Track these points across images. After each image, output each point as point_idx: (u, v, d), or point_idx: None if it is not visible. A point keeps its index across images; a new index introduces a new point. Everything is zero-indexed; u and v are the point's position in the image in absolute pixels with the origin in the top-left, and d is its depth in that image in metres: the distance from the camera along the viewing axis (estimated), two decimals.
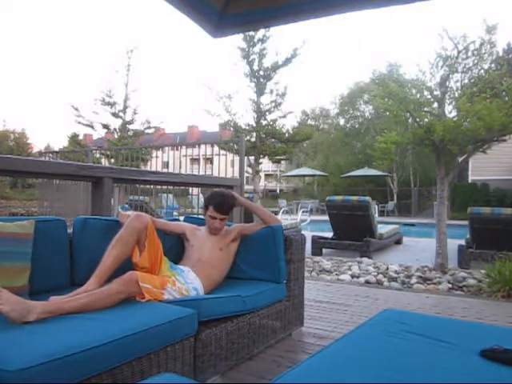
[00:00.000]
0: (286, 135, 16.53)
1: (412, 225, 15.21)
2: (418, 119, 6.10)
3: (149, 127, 20.11)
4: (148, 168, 14.79)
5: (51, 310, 1.59)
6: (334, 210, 7.37)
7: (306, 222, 11.79)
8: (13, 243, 1.75)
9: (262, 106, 16.27)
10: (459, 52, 7.20)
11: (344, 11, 2.04)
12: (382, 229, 7.84)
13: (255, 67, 15.78)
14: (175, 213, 6.30)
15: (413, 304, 3.64)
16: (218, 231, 2.50)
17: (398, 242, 8.86)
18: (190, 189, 6.58)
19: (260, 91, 16.02)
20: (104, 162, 14.99)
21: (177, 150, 8.60)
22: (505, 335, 1.57)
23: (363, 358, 1.28)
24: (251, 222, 2.80)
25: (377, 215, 13.75)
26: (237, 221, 3.85)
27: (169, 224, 2.58)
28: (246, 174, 5.52)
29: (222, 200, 2.50)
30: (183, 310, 1.84)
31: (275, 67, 15.76)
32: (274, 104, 16.27)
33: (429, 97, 6.74)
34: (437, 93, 6.89)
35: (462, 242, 6.57)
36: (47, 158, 8.01)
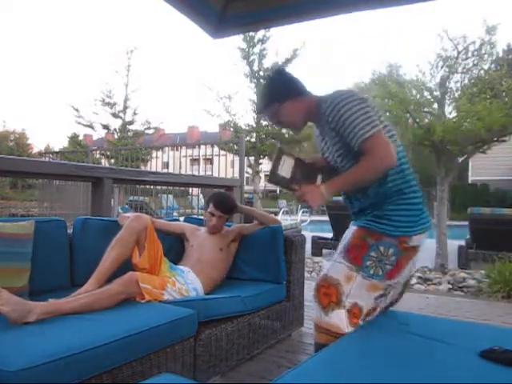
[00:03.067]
0: (286, 136, 16.53)
1: None
2: (417, 120, 6.11)
3: (149, 128, 20.08)
4: (148, 168, 14.79)
5: (51, 310, 1.59)
6: (334, 210, 7.37)
7: (306, 223, 11.79)
8: (13, 244, 1.75)
9: None
10: (459, 52, 7.22)
11: (344, 12, 2.05)
12: None
13: (255, 68, 15.79)
14: (175, 213, 6.30)
15: (413, 304, 3.63)
16: (216, 229, 2.51)
17: None
18: (190, 189, 6.57)
19: None
20: (104, 162, 14.98)
21: (177, 150, 8.60)
22: (505, 336, 1.58)
23: (363, 358, 1.28)
24: (251, 222, 2.80)
25: None
26: (237, 221, 3.85)
27: (168, 224, 2.59)
28: (245, 175, 5.52)
29: (222, 198, 2.55)
30: (183, 310, 1.84)
31: None
32: None
33: (429, 97, 6.76)
34: (437, 93, 6.90)
35: (462, 243, 6.56)
36: (47, 159, 8.01)
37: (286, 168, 1.59)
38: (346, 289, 1.47)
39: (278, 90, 1.59)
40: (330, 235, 7.64)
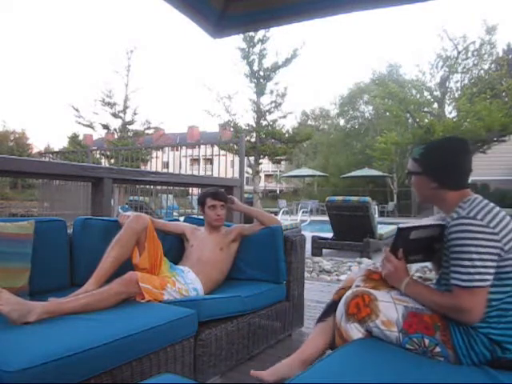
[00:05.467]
0: (286, 136, 16.53)
1: None
2: (417, 119, 6.12)
3: (149, 127, 20.10)
4: (148, 168, 14.80)
5: (51, 310, 1.59)
6: (334, 210, 7.37)
7: (306, 223, 11.79)
8: (13, 244, 1.75)
9: (261, 107, 16.28)
10: (459, 52, 7.24)
11: (344, 12, 2.05)
12: (382, 229, 7.84)
13: (255, 68, 15.79)
14: (175, 213, 6.30)
15: None
16: (222, 221, 2.52)
17: None
18: (190, 189, 6.58)
19: (260, 92, 16.04)
20: (104, 162, 14.99)
21: (177, 150, 8.60)
22: None
23: (372, 359, 1.29)
24: (251, 222, 2.80)
25: (377, 216, 13.73)
26: (237, 221, 3.85)
27: (168, 225, 2.59)
28: (245, 175, 5.52)
29: (215, 190, 2.58)
30: (183, 310, 1.84)
31: (275, 68, 15.78)
32: (273, 104, 16.29)
33: (429, 97, 6.77)
34: (437, 93, 6.91)
35: None
36: (47, 159, 8.01)
37: (420, 233, 1.49)
38: (377, 321, 1.39)
39: (435, 162, 1.47)
40: (330, 235, 7.63)
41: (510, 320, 1.29)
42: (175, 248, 2.56)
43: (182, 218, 3.27)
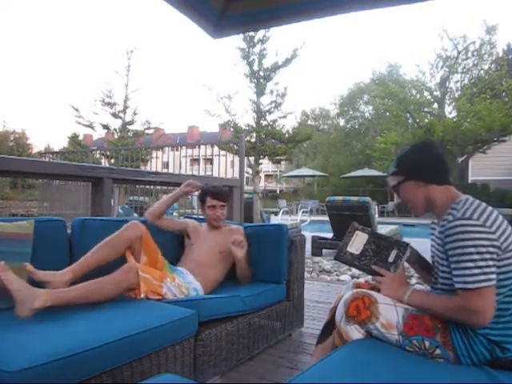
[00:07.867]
0: (286, 136, 16.53)
1: (412, 225, 15.21)
2: (417, 119, 6.11)
3: (149, 128, 20.10)
4: (148, 168, 14.80)
5: (55, 297, 1.62)
6: (334, 210, 7.36)
7: (306, 223, 11.78)
8: (13, 243, 1.75)
9: (261, 107, 16.28)
10: (459, 53, 7.23)
11: (343, 12, 2.05)
12: (382, 229, 7.83)
13: (255, 68, 15.79)
14: (175, 213, 6.29)
15: None
16: (221, 221, 2.52)
17: None
18: None
19: (260, 92, 16.03)
20: (104, 162, 14.99)
21: (177, 150, 8.60)
22: None
23: (372, 359, 1.29)
24: (251, 222, 2.80)
25: (377, 216, 13.72)
26: (237, 219, 3.85)
27: (173, 221, 2.63)
28: (245, 175, 5.52)
29: (216, 188, 2.55)
30: (183, 310, 1.84)
31: (275, 68, 15.77)
32: (274, 104, 16.29)
33: (429, 97, 6.76)
34: (437, 93, 6.91)
35: None
36: (47, 159, 8.01)
37: (357, 243, 1.53)
38: (377, 324, 1.38)
39: (412, 164, 1.50)
40: (330, 235, 7.63)
41: (508, 320, 1.29)
42: (175, 248, 2.57)
43: (181, 218, 3.27)
